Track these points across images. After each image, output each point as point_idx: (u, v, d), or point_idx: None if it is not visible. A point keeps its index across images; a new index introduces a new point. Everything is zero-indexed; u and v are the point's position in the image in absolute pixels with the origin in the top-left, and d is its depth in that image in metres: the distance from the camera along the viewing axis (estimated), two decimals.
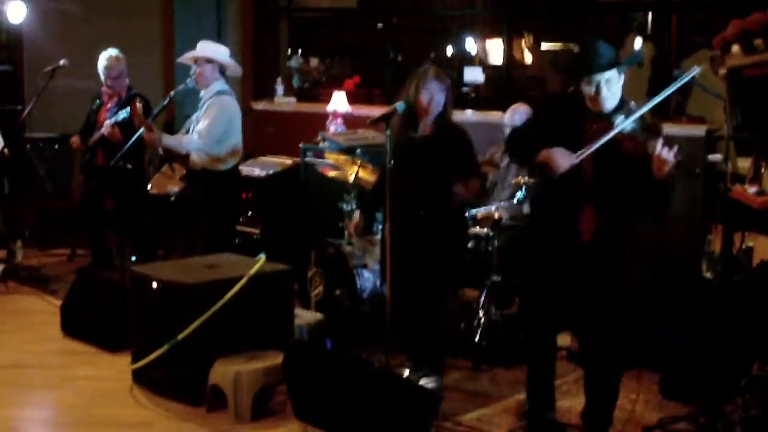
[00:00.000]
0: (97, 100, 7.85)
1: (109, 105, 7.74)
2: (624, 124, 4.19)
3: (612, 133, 4.17)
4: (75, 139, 7.81)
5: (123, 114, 7.35)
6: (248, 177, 7.75)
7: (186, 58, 6.92)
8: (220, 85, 6.83)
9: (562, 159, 4.24)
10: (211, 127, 6.64)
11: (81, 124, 7.92)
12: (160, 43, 9.44)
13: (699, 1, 7.68)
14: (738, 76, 1.76)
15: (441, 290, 5.31)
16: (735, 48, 1.77)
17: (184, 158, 6.92)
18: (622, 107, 4.33)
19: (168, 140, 6.71)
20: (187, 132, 6.90)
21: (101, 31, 8.82)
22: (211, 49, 6.89)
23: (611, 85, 4.30)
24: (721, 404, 4.81)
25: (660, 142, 4.02)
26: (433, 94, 5.28)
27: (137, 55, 8.82)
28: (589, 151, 4.21)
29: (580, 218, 4.36)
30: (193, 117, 6.91)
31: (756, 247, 5.21)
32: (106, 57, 7.70)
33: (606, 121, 4.27)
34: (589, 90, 4.32)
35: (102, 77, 7.72)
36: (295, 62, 11.12)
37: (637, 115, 4.22)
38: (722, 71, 1.79)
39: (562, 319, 4.70)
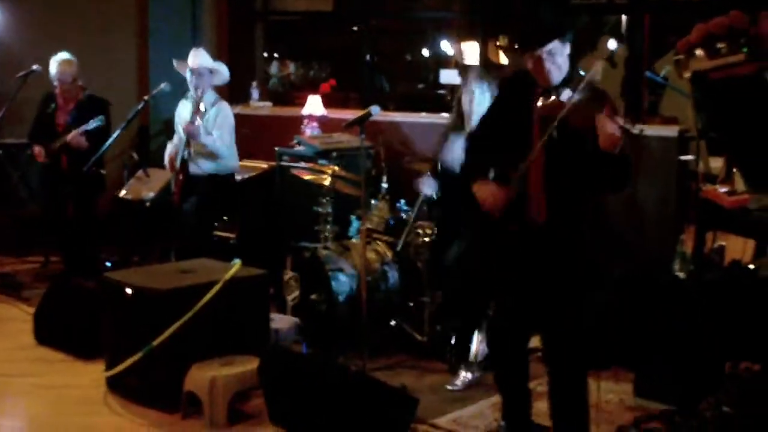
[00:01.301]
0: (52, 104, 7.72)
1: (68, 109, 7.64)
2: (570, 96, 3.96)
3: (558, 117, 3.97)
4: (39, 151, 7.63)
5: (95, 123, 7.31)
6: None
7: (196, 65, 7.03)
8: (213, 92, 7.12)
9: (493, 204, 4.23)
10: (230, 132, 7.04)
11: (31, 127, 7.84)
12: (135, 46, 9.39)
13: (673, 3, 7.70)
14: (703, 80, 1.77)
15: None
16: (699, 52, 1.78)
17: (181, 166, 6.99)
18: (572, 80, 4.12)
19: (206, 138, 6.92)
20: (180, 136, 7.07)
21: (75, 35, 8.78)
22: (209, 59, 7.16)
23: (554, 57, 4.15)
24: (696, 403, 4.82)
25: (603, 113, 3.82)
26: (473, 95, 5.27)
27: (112, 58, 8.81)
28: (538, 148, 4.08)
29: (531, 204, 4.26)
30: (183, 120, 7.04)
31: (728, 246, 5.25)
32: (57, 62, 7.59)
33: (553, 95, 4.07)
34: (531, 63, 4.19)
35: (54, 83, 7.63)
36: (275, 68, 11.13)
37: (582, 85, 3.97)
38: (687, 74, 1.80)
39: (527, 316, 4.49)
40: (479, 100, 5.65)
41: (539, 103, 4.13)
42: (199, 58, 7.07)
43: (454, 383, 5.57)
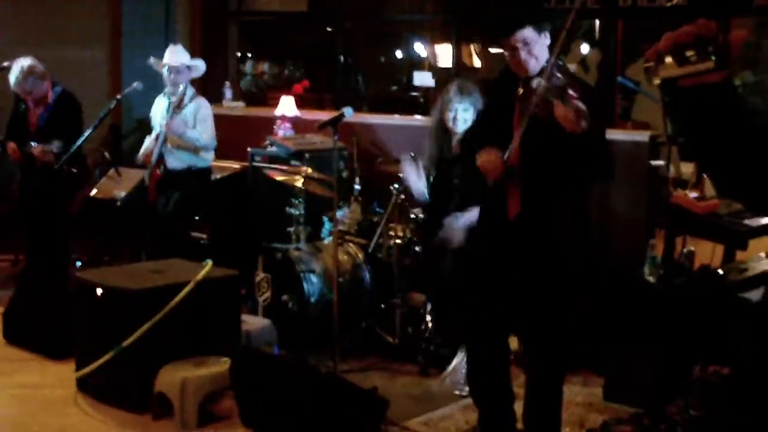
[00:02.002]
0: (22, 105, 7.56)
1: (38, 112, 7.48)
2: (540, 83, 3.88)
3: (531, 107, 3.93)
4: (12, 148, 7.45)
5: (58, 146, 7.20)
6: None
7: (175, 62, 7.09)
8: (191, 87, 7.18)
9: (491, 167, 4.17)
10: (211, 125, 7.11)
11: (5, 123, 7.72)
12: (108, 45, 9.34)
13: (645, 8, 7.76)
14: (672, 86, 1.81)
15: None
16: (668, 59, 1.81)
17: (158, 162, 7.01)
18: (542, 71, 4.03)
19: (191, 133, 7.00)
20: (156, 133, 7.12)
21: (46, 33, 8.73)
22: (187, 55, 7.25)
23: (529, 46, 4.13)
24: (664, 406, 4.86)
25: (559, 100, 3.78)
26: (456, 112, 5.27)
27: (84, 57, 8.75)
28: (516, 140, 4.06)
29: (507, 198, 4.25)
30: (160, 116, 7.06)
31: (697, 251, 5.30)
32: (15, 73, 7.30)
33: (527, 85, 4.03)
34: (507, 54, 4.19)
35: (19, 86, 7.36)
36: (249, 67, 11.11)
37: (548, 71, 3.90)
38: (656, 81, 1.83)
39: (501, 314, 4.43)
40: (462, 118, 5.68)
41: (517, 96, 4.12)
42: (176, 54, 7.15)
43: (463, 388, 5.39)
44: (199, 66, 7.27)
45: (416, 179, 5.97)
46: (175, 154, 7.05)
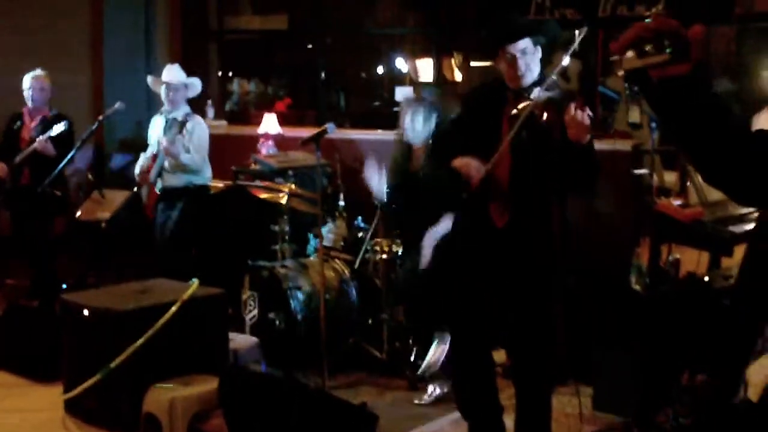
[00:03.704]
0: (18, 122, 7.65)
1: (32, 125, 7.59)
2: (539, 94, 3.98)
3: (524, 114, 3.99)
4: (1, 167, 7.50)
5: (60, 128, 7.25)
6: None
7: (174, 80, 7.11)
8: (186, 106, 7.17)
9: (474, 171, 4.16)
10: (205, 145, 7.09)
11: None
12: (89, 66, 9.34)
13: (626, 18, 7.81)
14: (636, 76, 1.96)
15: None
16: (630, 53, 1.95)
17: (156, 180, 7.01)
18: (542, 82, 4.15)
19: (184, 157, 6.96)
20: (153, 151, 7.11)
21: (28, 54, 8.70)
22: (183, 74, 7.23)
23: (526, 57, 4.20)
24: (653, 414, 4.87)
25: (573, 105, 3.87)
26: (405, 119, 5.32)
27: (66, 77, 8.72)
28: (503, 147, 4.09)
29: (493, 206, 4.28)
30: (159, 136, 7.03)
31: (683, 259, 5.31)
32: (31, 77, 7.54)
33: (524, 96, 4.09)
34: (504, 64, 4.23)
35: (27, 97, 7.58)
36: (236, 86, 11.12)
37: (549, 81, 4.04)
38: (620, 73, 1.97)
39: (487, 325, 4.45)
40: (411, 126, 5.78)
41: (513, 109, 4.12)
42: (174, 73, 7.16)
43: (422, 397, 5.56)
44: (196, 84, 7.26)
45: (377, 181, 6.07)
46: (173, 172, 7.04)
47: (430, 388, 5.60)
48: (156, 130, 7.17)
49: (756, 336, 4.01)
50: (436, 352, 5.67)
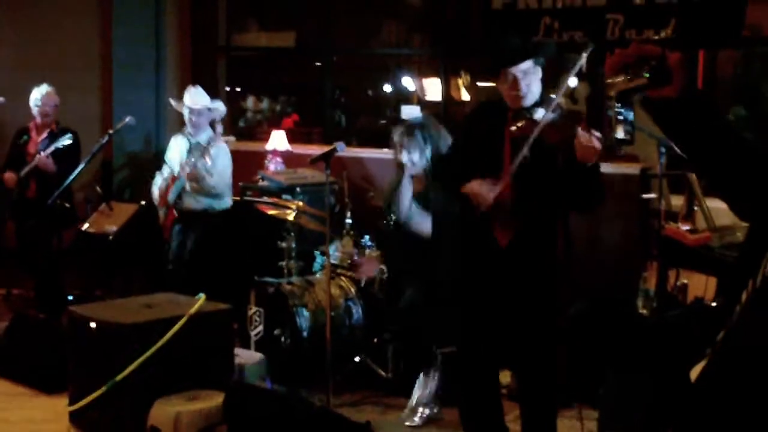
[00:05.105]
0: (24, 136, 7.72)
1: (39, 138, 7.63)
2: (544, 115, 4.04)
3: (532, 136, 4.03)
4: (9, 176, 7.59)
5: (64, 141, 7.29)
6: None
7: (197, 105, 7.10)
8: (210, 129, 7.16)
9: (486, 195, 4.18)
10: (228, 171, 7.13)
11: (3, 160, 7.81)
12: (99, 81, 9.36)
13: (632, 40, 7.85)
14: (625, 99, 2.06)
15: None
16: (619, 77, 2.04)
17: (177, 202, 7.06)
18: (543, 102, 4.20)
19: (206, 181, 6.99)
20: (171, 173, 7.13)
21: (37, 69, 8.74)
22: (207, 98, 7.22)
23: (528, 78, 4.22)
24: None
25: (580, 127, 3.89)
26: (410, 154, 5.37)
27: (76, 92, 8.76)
28: (515, 166, 4.12)
29: (496, 227, 4.29)
30: (181, 159, 7.06)
31: (690, 283, 5.32)
32: (40, 92, 7.61)
33: (526, 116, 4.13)
34: (505, 85, 4.25)
35: (34, 110, 7.62)
36: (250, 103, 11.17)
37: (555, 101, 4.07)
38: (612, 93, 2.06)
39: (495, 347, 4.49)
40: (409, 162, 5.82)
41: (513, 126, 4.17)
42: (197, 97, 7.15)
43: (412, 419, 5.55)
44: (220, 108, 7.25)
45: (407, 199, 5.99)
46: (194, 195, 7.07)
47: (420, 409, 5.58)
48: (176, 151, 7.18)
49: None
50: (427, 386, 5.63)
